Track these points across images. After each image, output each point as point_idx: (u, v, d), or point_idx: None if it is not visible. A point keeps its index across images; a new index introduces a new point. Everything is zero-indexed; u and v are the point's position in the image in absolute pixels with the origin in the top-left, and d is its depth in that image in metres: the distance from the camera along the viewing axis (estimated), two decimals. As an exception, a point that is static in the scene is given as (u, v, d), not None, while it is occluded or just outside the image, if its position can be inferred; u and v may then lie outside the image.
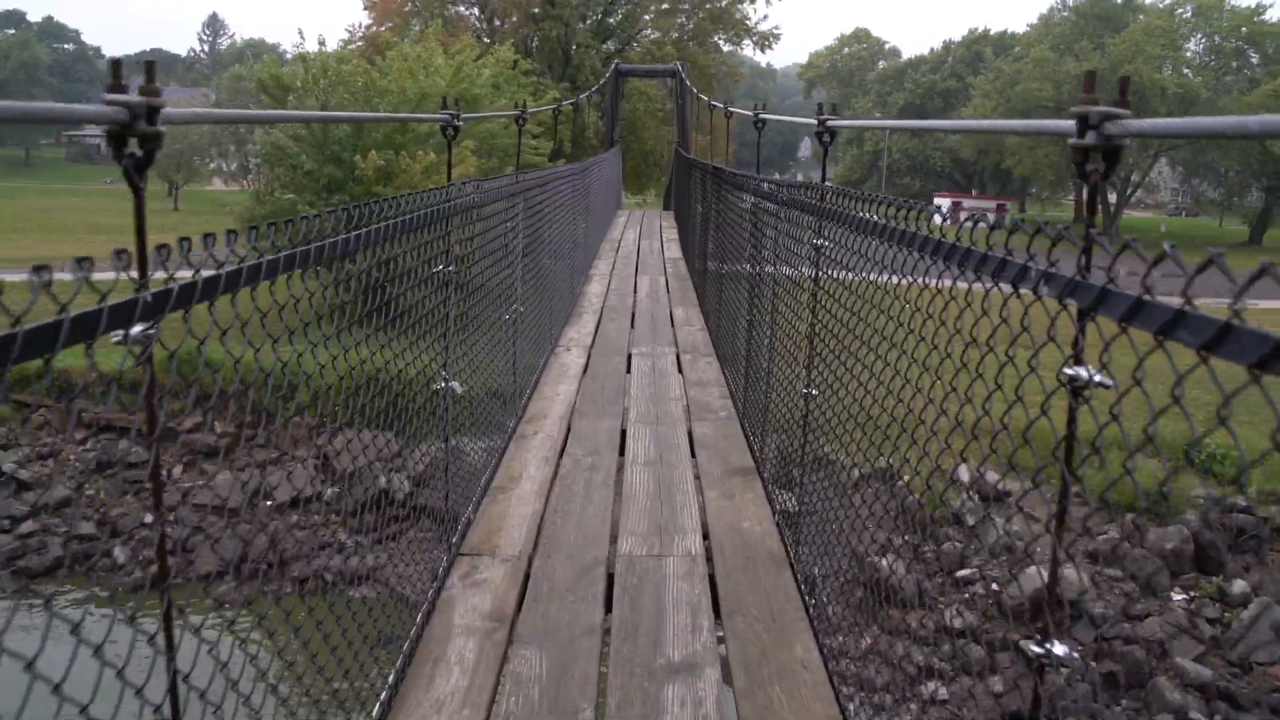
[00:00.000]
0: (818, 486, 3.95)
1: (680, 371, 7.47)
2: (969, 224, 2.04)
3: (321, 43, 20.05)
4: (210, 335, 1.79)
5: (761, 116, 7.65)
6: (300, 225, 2.06)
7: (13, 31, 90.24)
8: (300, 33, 57.29)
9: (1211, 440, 12.27)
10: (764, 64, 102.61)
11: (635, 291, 11.53)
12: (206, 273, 1.66)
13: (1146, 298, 1.33)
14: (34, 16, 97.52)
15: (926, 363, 2.41)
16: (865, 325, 2.99)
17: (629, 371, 7.47)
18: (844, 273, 3.32)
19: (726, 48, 40.92)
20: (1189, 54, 53.43)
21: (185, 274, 1.59)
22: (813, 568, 3.78)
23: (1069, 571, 10.44)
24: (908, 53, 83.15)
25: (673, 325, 9.41)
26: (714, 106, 20.52)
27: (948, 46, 71.03)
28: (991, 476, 11.54)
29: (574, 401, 6.44)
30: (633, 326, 9.37)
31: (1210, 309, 1.19)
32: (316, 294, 2.29)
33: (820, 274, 3.81)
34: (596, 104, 31.54)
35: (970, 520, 11.46)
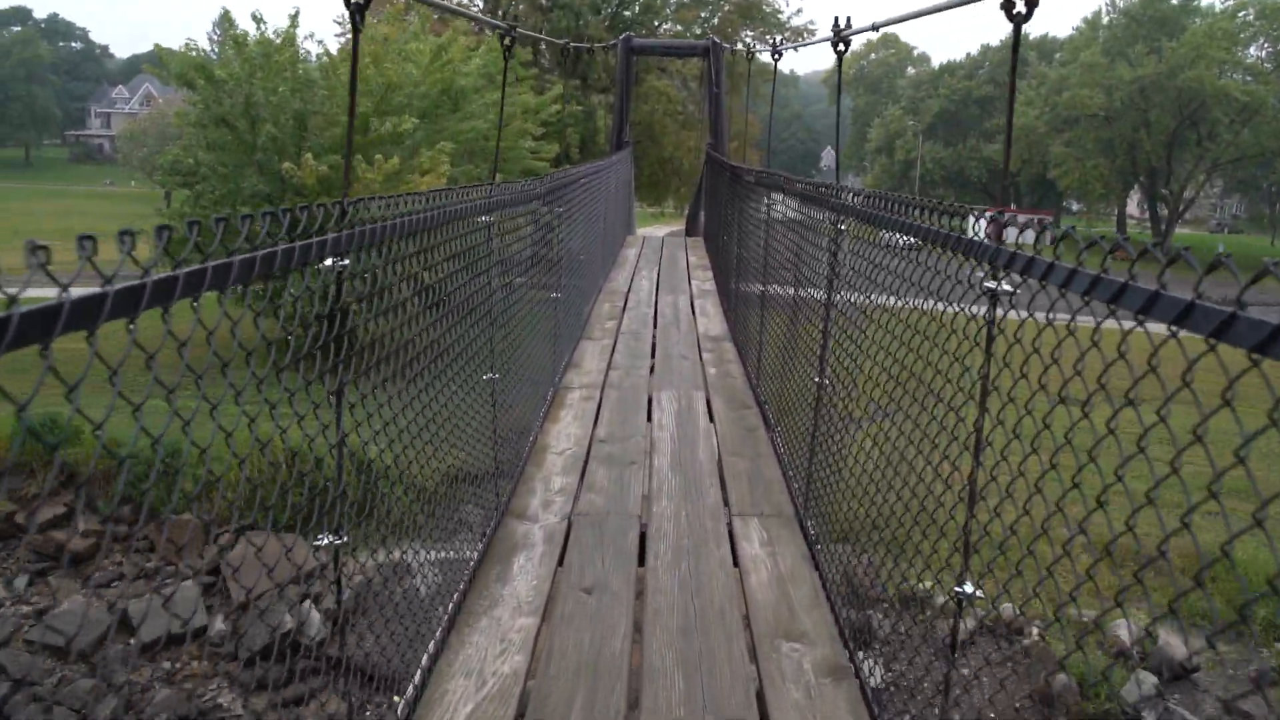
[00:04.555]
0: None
1: None
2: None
3: (259, 20, 16.60)
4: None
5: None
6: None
7: (18, 29, 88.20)
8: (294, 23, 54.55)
9: None
10: (787, 70, 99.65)
11: (650, 448, 5.73)
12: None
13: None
14: (39, 14, 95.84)
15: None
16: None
17: None
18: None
19: (757, 49, 37.47)
20: (1250, 59, 49.61)
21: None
22: None
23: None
24: (937, 59, 79.91)
25: (745, 603, 3.81)
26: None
27: (985, 51, 67.38)
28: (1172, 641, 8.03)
29: None
30: (639, 630, 3.60)
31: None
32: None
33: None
34: (609, 105, 28.07)
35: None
